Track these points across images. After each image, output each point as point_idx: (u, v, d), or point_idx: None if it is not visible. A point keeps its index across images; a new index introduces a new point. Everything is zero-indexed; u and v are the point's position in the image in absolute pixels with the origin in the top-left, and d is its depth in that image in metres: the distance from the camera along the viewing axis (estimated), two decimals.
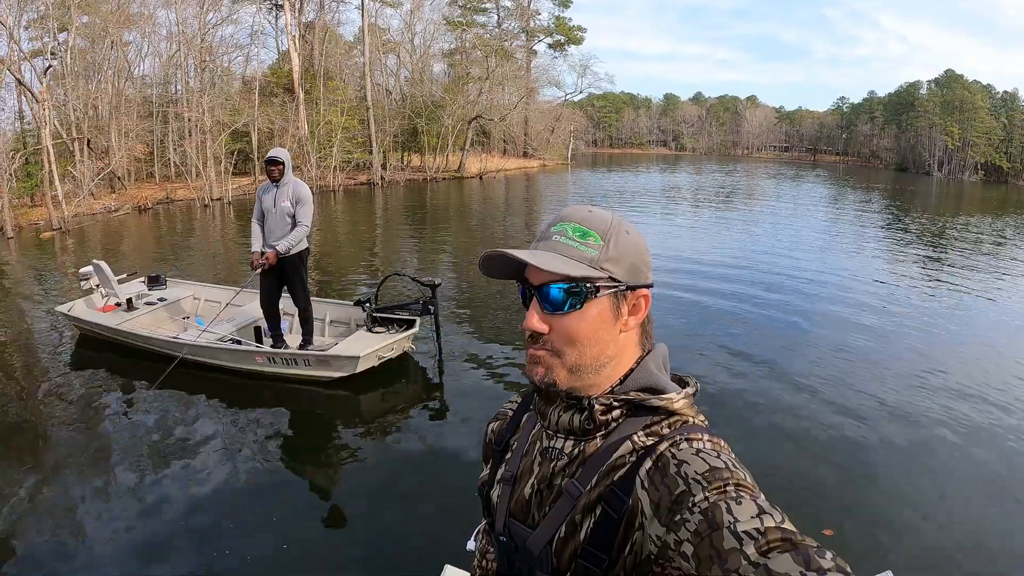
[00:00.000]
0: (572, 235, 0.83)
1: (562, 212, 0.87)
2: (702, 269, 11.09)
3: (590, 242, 0.82)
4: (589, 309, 0.82)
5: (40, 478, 4.23)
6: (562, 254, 0.82)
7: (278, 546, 3.55)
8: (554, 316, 0.82)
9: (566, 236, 0.83)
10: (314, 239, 14.32)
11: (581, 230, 0.83)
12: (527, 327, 0.83)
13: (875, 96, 73.15)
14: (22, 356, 6.72)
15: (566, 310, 0.82)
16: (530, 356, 0.85)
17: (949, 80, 60.07)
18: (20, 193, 16.99)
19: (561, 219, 0.85)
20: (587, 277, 0.81)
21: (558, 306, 0.82)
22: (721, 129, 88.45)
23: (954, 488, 4.33)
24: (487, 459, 1.06)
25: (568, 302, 0.81)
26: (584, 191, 29.19)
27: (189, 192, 21.26)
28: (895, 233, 18.36)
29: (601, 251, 0.82)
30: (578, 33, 51.25)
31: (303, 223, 5.34)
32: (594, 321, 0.82)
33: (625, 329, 0.85)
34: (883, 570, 2.53)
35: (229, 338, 5.90)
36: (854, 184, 38.80)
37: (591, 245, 0.82)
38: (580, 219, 0.84)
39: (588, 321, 0.82)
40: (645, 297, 0.86)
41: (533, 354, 0.85)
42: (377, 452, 4.73)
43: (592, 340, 0.83)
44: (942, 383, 6.14)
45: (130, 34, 24.34)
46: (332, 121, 26.27)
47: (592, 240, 0.82)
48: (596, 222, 0.84)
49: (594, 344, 0.83)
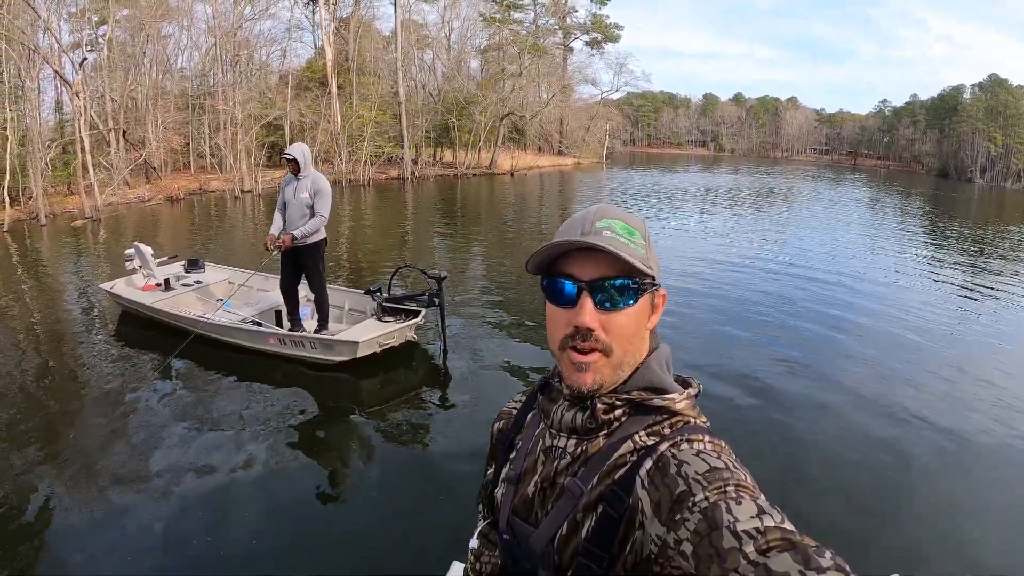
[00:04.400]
0: (621, 232, 0.81)
1: (596, 209, 0.84)
2: (739, 272, 10.78)
3: (637, 240, 0.82)
4: (638, 305, 0.82)
5: (64, 437, 4.60)
6: (619, 250, 0.78)
7: (282, 536, 3.53)
8: (607, 312, 0.80)
9: (615, 232, 0.81)
10: (343, 231, 14.37)
11: (628, 228, 0.82)
12: (581, 323, 0.79)
13: (917, 100, 70.67)
14: (62, 330, 7.21)
15: (621, 306, 0.80)
16: (577, 362, 0.81)
17: (993, 85, 57.48)
18: (56, 182, 17.23)
19: (604, 216, 0.83)
20: (647, 273, 0.80)
21: (617, 302, 0.80)
22: (760, 130, 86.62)
23: (981, 499, 4.21)
24: (493, 459, 1.05)
25: (627, 297, 0.80)
26: (618, 189, 28.57)
27: (221, 184, 21.38)
28: (935, 240, 17.47)
29: (646, 250, 0.83)
30: (615, 31, 50.65)
31: (320, 213, 5.56)
32: (640, 317, 0.83)
33: (649, 327, 0.86)
34: (890, 572, 2.55)
35: (250, 320, 6.23)
36: (894, 189, 37.37)
37: (638, 243, 0.82)
38: (621, 217, 0.83)
39: (636, 317, 0.82)
40: (664, 297, 0.87)
41: (582, 360, 0.81)
42: (382, 442, 4.70)
43: (636, 336, 0.83)
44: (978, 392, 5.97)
45: (169, 27, 24.67)
46: (363, 115, 26.21)
47: (637, 239, 0.82)
48: (634, 222, 0.84)
49: (636, 340, 0.83)
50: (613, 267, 0.79)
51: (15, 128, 15.12)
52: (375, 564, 3.35)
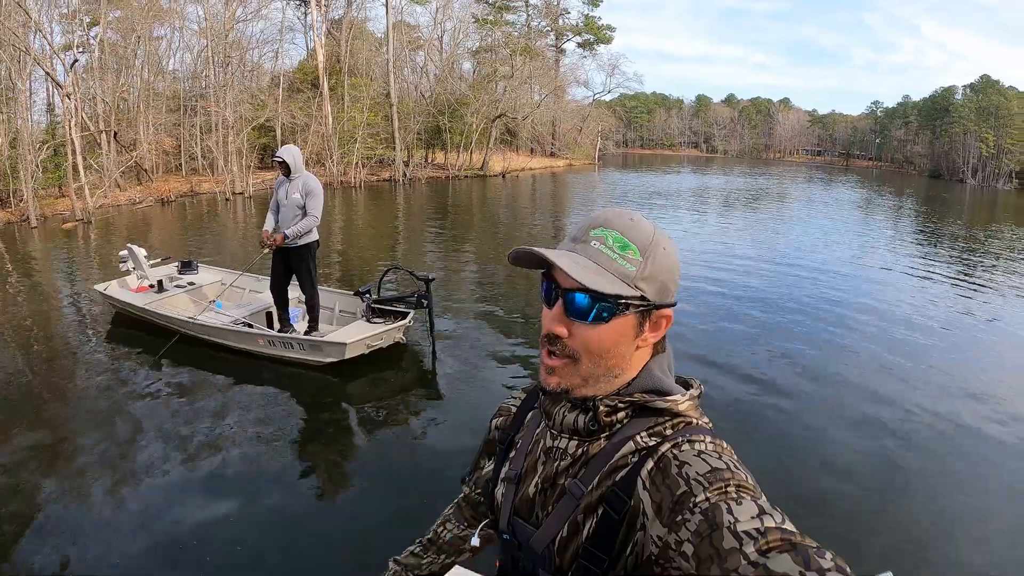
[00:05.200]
0: (612, 245, 0.79)
1: (602, 215, 0.82)
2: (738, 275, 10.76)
3: (629, 256, 0.79)
4: (613, 323, 0.79)
5: (55, 436, 4.65)
6: (599, 264, 0.78)
7: (271, 537, 3.51)
8: (577, 323, 0.80)
9: (605, 245, 0.79)
10: (334, 233, 14.43)
11: (622, 241, 0.79)
12: (547, 329, 0.81)
13: (909, 100, 70.96)
14: (53, 332, 7.27)
15: (590, 321, 0.79)
16: (545, 364, 0.83)
17: (984, 86, 57.69)
18: (47, 184, 17.21)
19: (602, 224, 0.81)
20: (620, 295, 0.78)
21: (583, 315, 0.79)
22: (753, 132, 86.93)
23: (973, 497, 4.20)
24: (489, 454, 1.06)
25: (595, 314, 0.78)
26: (610, 191, 28.71)
27: (213, 186, 21.39)
28: (928, 240, 17.63)
29: (639, 268, 0.79)
30: (607, 32, 50.81)
31: (312, 214, 5.60)
32: (616, 335, 0.80)
33: (643, 345, 0.84)
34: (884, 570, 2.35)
35: (240, 321, 6.23)
36: (886, 190, 37.58)
37: (630, 260, 0.79)
38: (622, 228, 0.80)
39: (610, 334, 0.80)
40: (668, 317, 0.84)
41: (549, 363, 0.82)
42: (370, 444, 4.71)
43: (611, 353, 0.81)
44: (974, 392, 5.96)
45: (161, 28, 24.64)
46: (355, 117, 26.25)
47: (631, 254, 0.79)
48: (638, 234, 0.80)
49: (611, 356, 0.82)
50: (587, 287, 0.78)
51: (5, 130, 15.12)
52: (364, 565, 3.28)
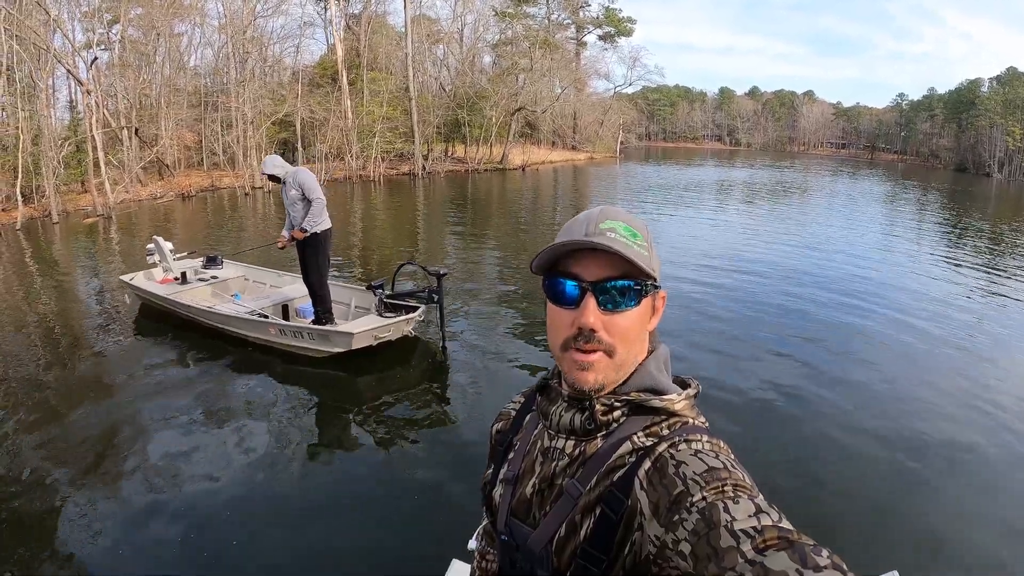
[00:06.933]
0: (624, 234, 0.81)
1: (599, 211, 0.84)
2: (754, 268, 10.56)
3: (639, 242, 0.82)
4: (640, 306, 0.82)
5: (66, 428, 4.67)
6: (624, 251, 0.79)
7: (277, 534, 3.46)
8: (610, 313, 0.80)
9: (619, 234, 0.81)
10: (354, 227, 14.30)
11: (631, 230, 0.82)
12: (585, 324, 0.79)
13: (935, 93, 69.06)
14: (74, 324, 7.41)
15: (623, 308, 0.80)
16: (579, 361, 0.81)
17: (1011, 78, 55.78)
18: (69, 180, 17.33)
19: (608, 217, 0.83)
20: (649, 275, 0.80)
21: (619, 303, 0.80)
22: (777, 124, 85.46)
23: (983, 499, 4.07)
24: (492, 460, 1.04)
25: (629, 299, 0.80)
26: (632, 184, 28.21)
27: (232, 180, 21.42)
28: (953, 237, 17.04)
29: (649, 252, 0.82)
30: (628, 24, 50.15)
31: (312, 198, 5.65)
32: (641, 318, 0.83)
33: (649, 329, 0.86)
34: (889, 569, 2.46)
35: (256, 312, 6.33)
36: (911, 185, 36.51)
37: (641, 245, 0.81)
38: (624, 219, 0.83)
39: (638, 318, 0.82)
40: (664, 299, 0.87)
41: (584, 359, 0.80)
42: (379, 439, 4.61)
43: (637, 337, 0.83)
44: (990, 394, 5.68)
45: (182, 25, 24.75)
46: (374, 111, 26.14)
47: (640, 241, 0.82)
48: (638, 224, 0.84)
49: (637, 342, 0.83)
50: (617, 268, 0.79)
51: (28, 127, 15.21)
52: (373, 562, 3.27)
